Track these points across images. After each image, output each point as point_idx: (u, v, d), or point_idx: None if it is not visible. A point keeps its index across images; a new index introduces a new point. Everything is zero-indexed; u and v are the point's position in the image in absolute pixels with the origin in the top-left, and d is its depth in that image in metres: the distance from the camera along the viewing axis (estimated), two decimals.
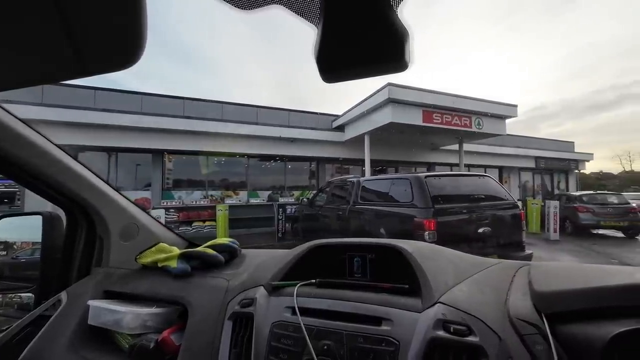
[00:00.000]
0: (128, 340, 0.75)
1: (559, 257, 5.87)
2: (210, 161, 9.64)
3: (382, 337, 0.55)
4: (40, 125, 0.80)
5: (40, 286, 0.95)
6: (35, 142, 0.78)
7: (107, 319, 0.76)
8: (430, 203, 3.08)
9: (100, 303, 0.80)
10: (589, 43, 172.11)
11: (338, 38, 0.31)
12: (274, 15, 0.32)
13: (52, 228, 0.98)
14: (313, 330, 0.59)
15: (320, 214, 5.30)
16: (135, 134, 7.95)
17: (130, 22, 0.24)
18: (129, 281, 0.90)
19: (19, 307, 0.98)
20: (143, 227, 1.06)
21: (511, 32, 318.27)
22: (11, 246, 1.04)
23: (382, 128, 8.40)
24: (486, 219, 3.24)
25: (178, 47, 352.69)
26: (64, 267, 0.98)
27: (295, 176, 11.09)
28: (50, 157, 0.82)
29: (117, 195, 1.01)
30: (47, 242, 0.97)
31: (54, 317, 0.81)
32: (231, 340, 0.66)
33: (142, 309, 0.77)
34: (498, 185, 3.74)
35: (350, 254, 0.80)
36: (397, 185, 3.65)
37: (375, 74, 0.34)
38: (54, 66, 0.26)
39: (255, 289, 0.73)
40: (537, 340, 0.49)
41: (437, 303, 0.57)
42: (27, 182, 0.85)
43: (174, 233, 1.17)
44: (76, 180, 0.89)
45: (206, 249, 0.93)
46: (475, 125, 8.92)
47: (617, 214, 8.07)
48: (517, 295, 0.60)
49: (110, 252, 0.99)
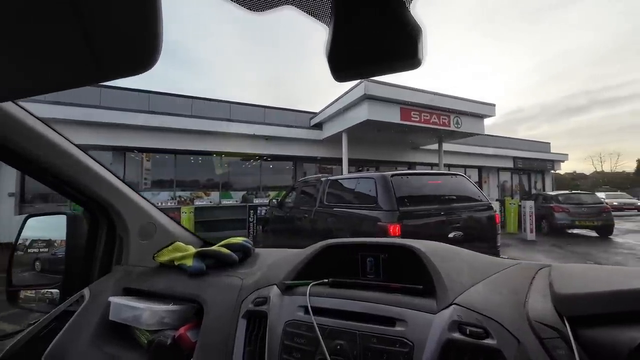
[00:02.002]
0: (147, 336, 0.76)
1: (536, 258, 5.72)
2: (178, 160, 9.03)
3: (396, 338, 0.54)
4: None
5: (64, 283, 0.98)
6: (56, 142, 0.80)
7: (127, 315, 0.78)
8: (396, 205, 2.74)
9: (121, 300, 0.82)
10: (561, 50, 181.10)
11: (350, 37, 0.31)
12: (259, 14, 0.32)
13: (75, 227, 1.01)
14: (326, 329, 0.59)
15: (289, 216, 4.90)
16: (92, 129, 7.27)
17: (147, 25, 0.24)
18: (147, 279, 0.92)
19: (49, 302, 1.00)
20: (160, 227, 1.09)
21: (490, 38, 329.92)
22: (52, 243, 1.08)
23: (360, 126, 8.09)
24: (458, 223, 2.93)
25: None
26: (87, 265, 1.02)
27: (273, 176, 10.66)
28: (71, 158, 0.84)
29: (136, 196, 1.04)
30: (71, 241, 1.00)
31: (77, 313, 0.84)
32: (245, 338, 0.66)
33: (160, 306, 0.79)
34: (472, 185, 3.46)
35: (363, 254, 0.79)
36: (362, 185, 3.29)
37: (387, 72, 0.34)
38: (71, 72, 0.26)
39: (268, 288, 0.73)
40: (558, 344, 0.47)
41: (452, 304, 0.56)
42: (50, 181, 0.87)
43: (190, 232, 1.20)
44: (97, 180, 0.92)
45: (221, 248, 0.95)
46: (454, 124, 8.78)
47: (591, 214, 8.11)
48: (536, 297, 0.58)
49: (129, 251, 1.02)
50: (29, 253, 1.08)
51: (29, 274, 1.08)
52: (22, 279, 1.07)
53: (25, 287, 1.11)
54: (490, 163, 14.46)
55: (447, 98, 8.45)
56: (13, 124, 0.71)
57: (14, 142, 0.73)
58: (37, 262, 1.09)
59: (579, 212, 8.16)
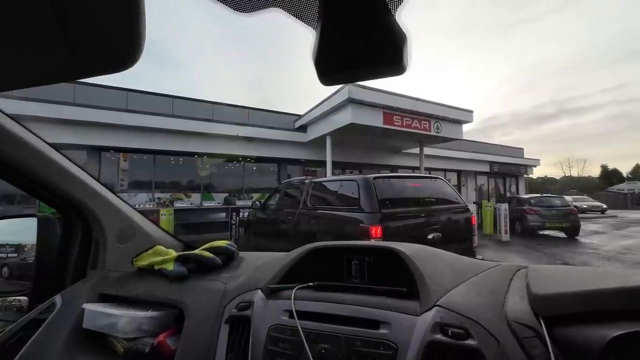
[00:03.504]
0: (123, 345, 0.74)
1: (510, 259, 5.98)
2: (157, 160, 8.76)
3: (380, 341, 0.55)
4: None
5: (34, 289, 0.94)
6: (28, 141, 0.76)
7: (103, 323, 0.76)
8: (378, 207, 2.80)
9: (96, 306, 0.79)
10: (531, 62, 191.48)
11: (336, 41, 0.31)
12: (244, 15, 0.33)
13: (47, 230, 0.97)
14: (310, 333, 0.59)
15: (272, 218, 4.87)
16: (69, 128, 6.93)
17: (129, 22, 0.24)
18: (125, 284, 0.89)
19: (17, 310, 0.95)
20: (139, 230, 1.06)
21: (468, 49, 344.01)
22: (22, 248, 1.04)
23: (343, 129, 8.19)
24: (437, 224, 3.04)
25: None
26: (59, 270, 0.97)
27: (257, 178, 10.54)
28: (44, 157, 0.80)
29: (113, 197, 1.01)
30: (42, 245, 0.96)
31: (47, 321, 0.80)
32: (228, 344, 0.66)
33: (138, 313, 0.76)
34: (450, 187, 3.59)
35: (348, 257, 0.79)
36: (345, 187, 3.33)
37: (373, 77, 0.35)
38: (51, 67, 0.26)
39: (252, 292, 0.72)
40: (534, 343, 0.49)
41: (435, 306, 0.57)
42: (20, 183, 0.83)
43: (171, 235, 1.17)
44: (71, 181, 0.88)
45: (203, 252, 0.93)
46: (435, 129, 9.06)
47: (559, 216, 8.58)
48: (514, 298, 0.59)
49: (106, 255, 0.98)
50: (12, 257, 1.03)
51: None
52: None
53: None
54: (469, 167, 15.02)
55: (428, 104, 8.73)
56: None
57: None
58: (4, 268, 1.04)
59: (549, 214, 8.61)
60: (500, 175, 17.25)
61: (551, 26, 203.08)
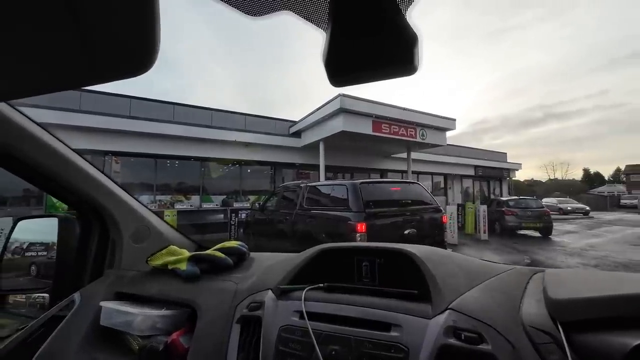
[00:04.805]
0: (138, 342, 0.75)
1: (485, 254, 6.64)
2: (159, 164, 9.20)
3: (390, 344, 0.54)
4: None
5: (54, 287, 0.95)
6: (50, 144, 0.79)
7: (119, 320, 0.78)
8: (363, 207, 3.38)
9: (112, 304, 0.82)
10: (520, 68, 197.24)
11: (347, 42, 0.31)
12: (242, 17, 0.32)
13: (67, 230, 0.99)
14: (321, 335, 0.59)
15: (271, 219, 5.39)
16: (73, 134, 7.33)
17: (144, 27, 0.24)
18: (139, 283, 0.91)
19: (40, 307, 0.99)
20: (154, 230, 1.07)
21: (460, 54, 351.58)
22: (52, 247, 1.03)
23: (336, 135, 8.79)
24: (412, 222, 3.63)
25: None
26: (78, 269, 0.99)
27: (254, 181, 11.01)
28: (65, 160, 0.83)
29: (130, 198, 1.03)
30: (62, 244, 0.97)
31: (67, 318, 0.83)
32: (239, 343, 0.66)
33: (152, 311, 0.78)
34: (425, 191, 4.20)
35: (358, 258, 0.79)
36: (336, 190, 3.91)
37: (383, 78, 0.34)
38: (68, 73, 0.26)
39: (263, 293, 0.73)
40: (552, 349, 0.47)
41: (447, 309, 0.56)
42: (42, 184, 0.86)
43: (184, 236, 1.19)
44: (90, 183, 0.91)
45: (215, 252, 0.94)
46: (420, 136, 9.74)
47: (535, 217, 9.31)
48: (530, 302, 0.58)
49: (122, 254, 1.01)
50: (25, 257, 1.05)
51: (24, 278, 1.05)
52: (11, 283, 1.03)
53: (14, 292, 1.08)
54: (455, 171, 15.79)
55: (414, 113, 9.41)
56: (10, 127, 0.70)
57: (12, 146, 0.73)
58: (32, 267, 1.06)
59: (525, 215, 9.32)
60: (485, 178, 18.10)
61: (538, 34, 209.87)
